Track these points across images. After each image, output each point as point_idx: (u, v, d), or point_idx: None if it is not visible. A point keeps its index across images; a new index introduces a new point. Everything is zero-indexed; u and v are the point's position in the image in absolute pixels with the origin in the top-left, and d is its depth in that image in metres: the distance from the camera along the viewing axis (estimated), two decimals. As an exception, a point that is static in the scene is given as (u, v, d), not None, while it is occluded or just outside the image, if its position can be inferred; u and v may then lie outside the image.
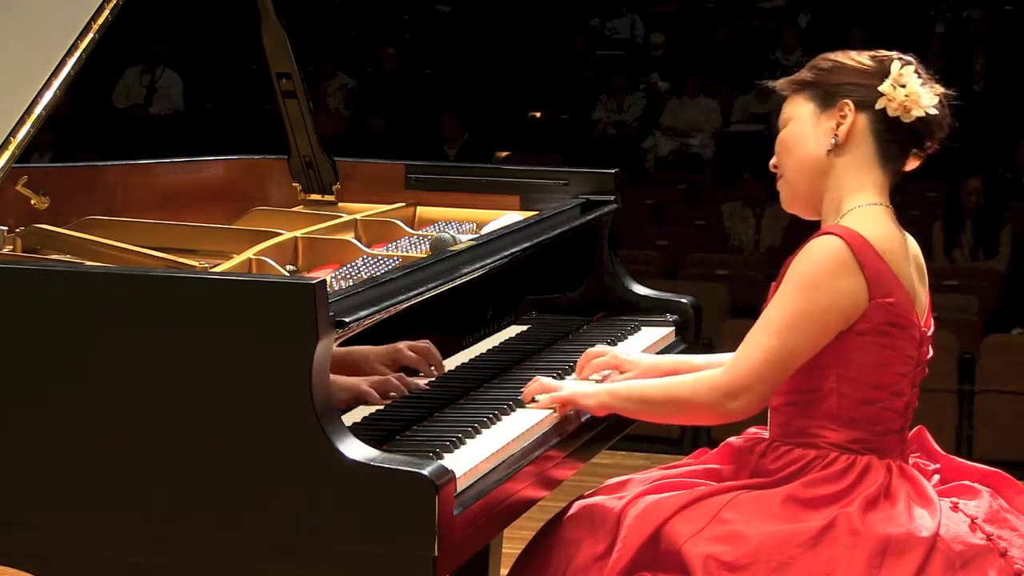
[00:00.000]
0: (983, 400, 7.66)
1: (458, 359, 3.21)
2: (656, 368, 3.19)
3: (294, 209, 4.00)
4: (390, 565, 2.55)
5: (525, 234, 3.46)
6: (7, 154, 3.04)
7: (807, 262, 2.81)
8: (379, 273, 3.19)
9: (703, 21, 13.09)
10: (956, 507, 2.84)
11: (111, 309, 2.65)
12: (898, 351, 2.84)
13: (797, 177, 2.95)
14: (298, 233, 3.47)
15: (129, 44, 11.33)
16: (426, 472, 2.50)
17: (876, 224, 2.85)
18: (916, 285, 2.89)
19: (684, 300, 3.80)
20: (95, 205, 3.66)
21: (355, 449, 2.54)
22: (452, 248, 3.23)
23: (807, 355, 2.82)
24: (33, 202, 3.47)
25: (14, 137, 3.05)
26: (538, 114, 12.50)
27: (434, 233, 3.58)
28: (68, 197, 3.59)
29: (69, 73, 3.13)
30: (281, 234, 3.43)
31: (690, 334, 3.75)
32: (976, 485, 2.92)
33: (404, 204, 3.96)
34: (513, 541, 3.32)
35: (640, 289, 3.84)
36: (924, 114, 2.86)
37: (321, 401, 2.55)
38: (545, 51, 12.71)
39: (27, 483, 2.69)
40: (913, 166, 2.96)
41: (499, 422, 2.92)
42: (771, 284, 2.92)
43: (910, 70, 2.87)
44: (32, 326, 2.68)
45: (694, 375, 2.93)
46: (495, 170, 4.28)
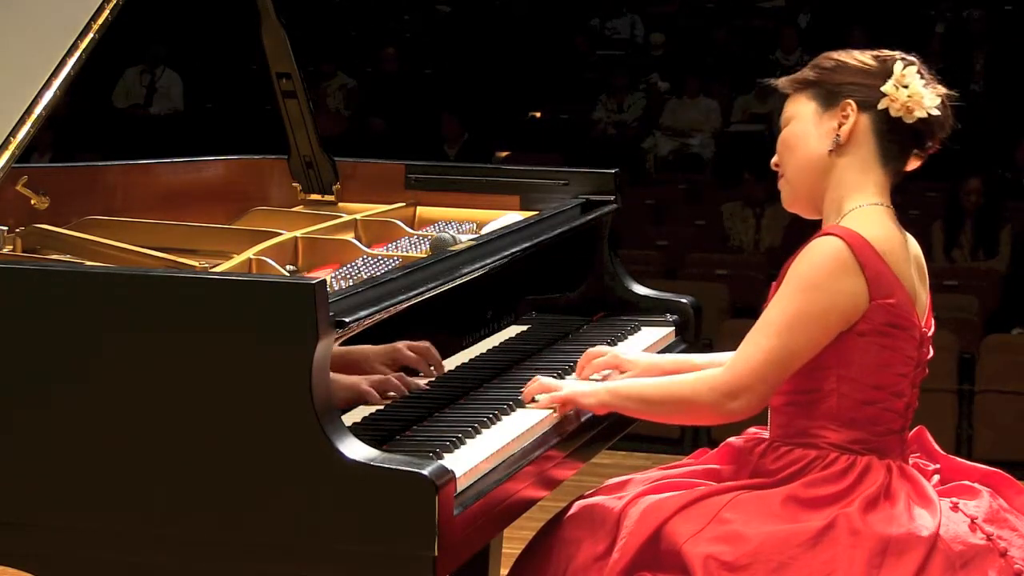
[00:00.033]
0: (983, 400, 7.65)
1: (458, 359, 3.21)
2: (656, 367, 3.19)
3: (294, 209, 4.00)
4: (390, 565, 2.55)
5: (525, 234, 3.46)
6: (7, 154, 3.04)
7: (808, 263, 2.81)
8: (379, 273, 3.19)
9: (703, 21, 13.09)
10: (956, 507, 2.83)
11: (111, 309, 2.65)
12: (898, 352, 2.84)
13: (798, 176, 2.95)
14: (298, 233, 3.47)
15: (129, 44, 11.33)
16: (426, 472, 2.50)
17: (877, 224, 2.85)
18: (917, 285, 2.89)
19: (684, 300, 3.80)
20: (95, 205, 3.66)
21: (355, 449, 2.54)
22: (452, 248, 3.23)
23: (807, 356, 2.81)
24: (33, 202, 3.47)
25: (14, 137, 3.05)
26: (538, 114, 12.50)
27: (434, 233, 3.58)
28: (68, 197, 3.59)
29: (69, 73, 3.13)
30: (281, 234, 3.43)
31: (690, 334, 3.75)
32: (976, 485, 2.92)
33: (404, 204, 3.96)
34: (513, 541, 3.32)
35: (640, 289, 3.84)
36: (926, 115, 2.86)
37: (321, 401, 2.55)
38: (545, 51, 12.71)
39: (27, 483, 2.69)
40: (914, 166, 2.96)
41: (499, 422, 2.92)
42: (771, 284, 2.92)
43: (913, 70, 2.87)
44: (32, 326, 2.68)
45: (694, 374, 2.92)
46: (495, 170, 4.28)
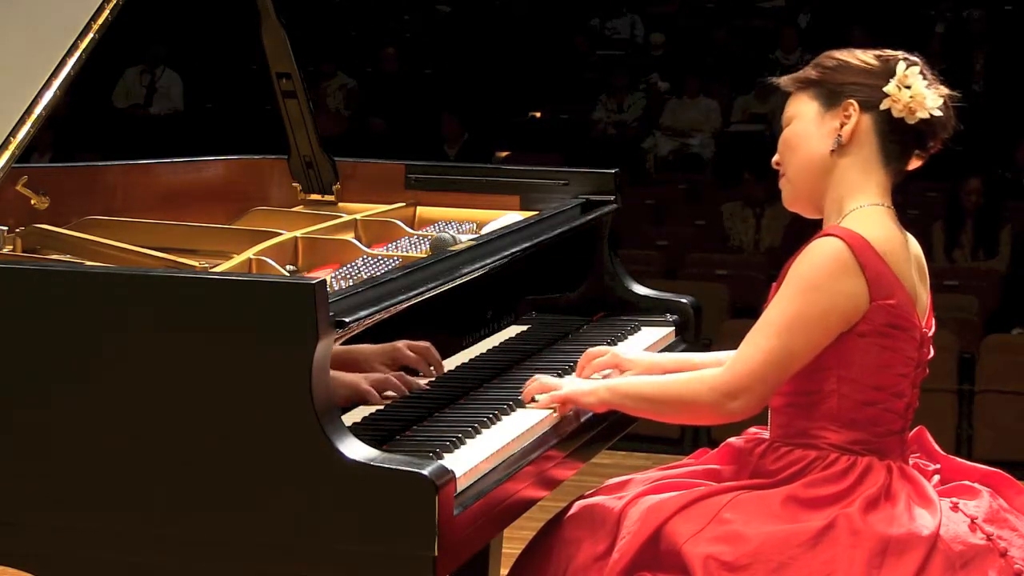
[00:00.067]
0: (983, 400, 7.65)
1: (458, 359, 3.21)
2: (657, 366, 3.18)
3: (294, 209, 4.00)
4: (390, 565, 2.54)
5: (525, 234, 3.46)
6: (7, 154, 3.04)
7: (808, 263, 2.81)
8: (379, 273, 3.18)
9: (703, 21, 13.09)
10: (956, 507, 2.83)
11: (111, 309, 2.65)
12: (899, 352, 2.83)
13: (800, 176, 2.94)
14: (298, 233, 3.47)
15: (129, 44, 11.33)
16: (426, 472, 2.49)
17: (878, 225, 2.84)
18: (917, 286, 2.89)
19: (684, 300, 3.80)
20: (95, 205, 3.66)
21: (355, 449, 2.53)
22: (452, 248, 3.23)
23: (807, 357, 2.81)
24: (33, 202, 3.47)
25: (14, 137, 3.05)
26: (538, 114, 12.50)
27: (434, 233, 3.58)
28: (68, 197, 3.59)
29: (69, 73, 3.13)
30: (281, 234, 3.43)
31: (690, 334, 3.75)
32: (976, 485, 2.92)
33: (404, 204, 3.96)
34: (513, 541, 3.32)
35: (640, 289, 3.84)
36: (928, 116, 2.86)
37: (321, 401, 2.55)
38: (545, 51, 12.71)
39: (27, 483, 2.69)
40: (915, 165, 2.96)
41: (499, 422, 2.92)
42: (772, 284, 2.92)
43: (915, 71, 2.86)
44: (32, 326, 2.68)
45: (694, 374, 2.92)
46: (495, 170, 4.28)
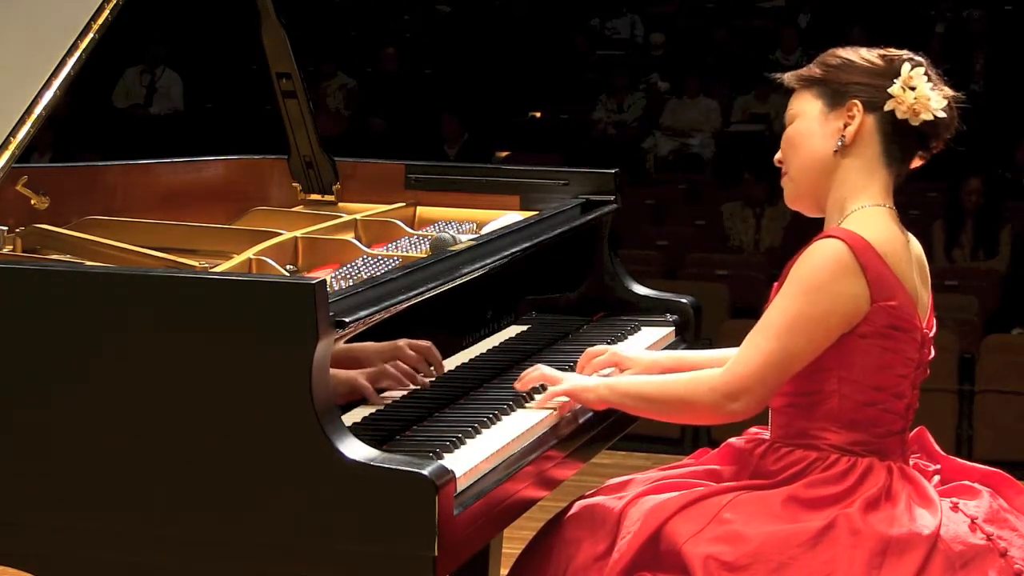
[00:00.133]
0: (983, 400, 7.65)
1: (458, 359, 3.20)
2: (657, 365, 3.18)
3: (294, 209, 4.00)
4: (390, 565, 2.54)
5: (525, 234, 3.46)
6: (7, 154, 3.04)
7: (809, 265, 2.80)
8: (379, 273, 3.18)
9: (703, 21, 13.09)
10: (956, 507, 2.83)
11: (111, 309, 2.65)
12: (900, 353, 2.83)
13: (802, 175, 2.94)
14: (298, 233, 3.47)
15: (129, 44, 11.33)
16: (426, 472, 2.49)
17: (879, 226, 2.84)
18: (918, 287, 2.88)
19: (684, 300, 3.80)
20: (95, 205, 3.66)
21: (355, 449, 2.53)
22: (452, 248, 3.23)
23: (808, 358, 2.81)
24: (33, 202, 3.47)
25: (14, 137, 3.05)
26: (538, 114, 12.50)
27: (434, 233, 3.58)
28: (68, 197, 3.59)
29: (69, 73, 3.13)
30: (281, 234, 3.43)
31: (690, 334, 3.75)
32: (976, 485, 2.91)
33: (404, 204, 3.96)
34: (513, 541, 3.32)
35: (640, 289, 3.84)
36: (932, 117, 2.85)
37: (321, 401, 2.55)
38: (545, 51, 12.71)
39: (27, 483, 2.69)
40: (917, 165, 2.96)
41: (499, 422, 2.92)
42: (773, 285, 2.91)
43: (920, 72, 2.86)
44: (32, 326, 2.68)
45: (694, 374, 2.92)
46: (495, 170, 4.28)
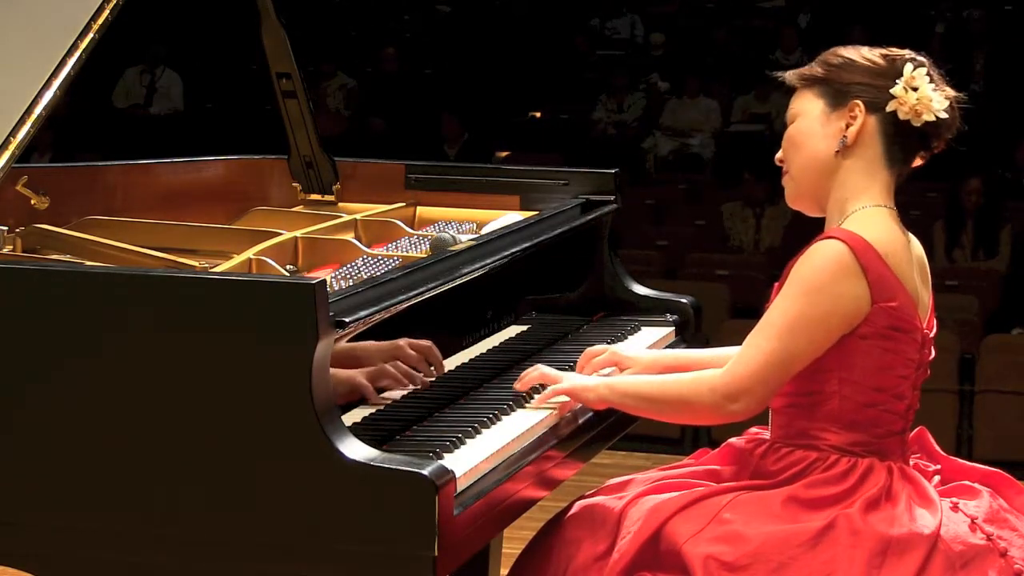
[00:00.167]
0: (983, 400, 7.65)
1: (458, 359, 3.20)
2: (657, 363, 3.18)
3: (294, 209, 4.00)
4: (390, 565, 2.54)
5: (525, 234, 3.46)
6: (7, 154, 3.04)
7: (809, 266, 2.80)
8: (379, 273, 3.18)
9: (703, 21, 13.09)
10: (956, 507, 2.83)
11: (111, 309, 2.65)
12: (900, 354, 2.83)
13: (803, 175, 2.94)
14: (298, 233, 3.47)
15: (129, 44, 11.33)
16: (426, 472, 2.49)
17: (880, 227, 2.84)
18: (919, 287, 2.88)
19: (684, 300, 3.80)
20: (95, 205, 3.66)
21: (355, 449, 2.53)
22: (452, 248, 3.23)
23: (808, 358, 2.81)
24: (33, 202, 3.47)
25: (14, 137, 3.05)
26: (538, 114, 12.50)
27: (434, 233, 3.58)
28: (68, 197, 3.59)
29: (69, 73, 3.13)
30: (281, 234, 3.43)
31: (690, 334, 3.75)
32: (976, 485, 2.91)
33: (404, 204, 3.96)
34: (513, 541, 3.32)
35: (640, 289, 3.84)
36: (934, 118, 2.84)
37: (321, 401, 2.55)
38: (545, 51, 12.71)
39: (27, 483, 2.69)
40: (918, 164, 2.95)
41: (499, 422, 2.92)
42: (773, 285, 2.91)
43: (922, 72, 2.85)
44: (32, 326, 2.68)
45: (694, 374, 2.92)
46: (495, 170, 4.28)
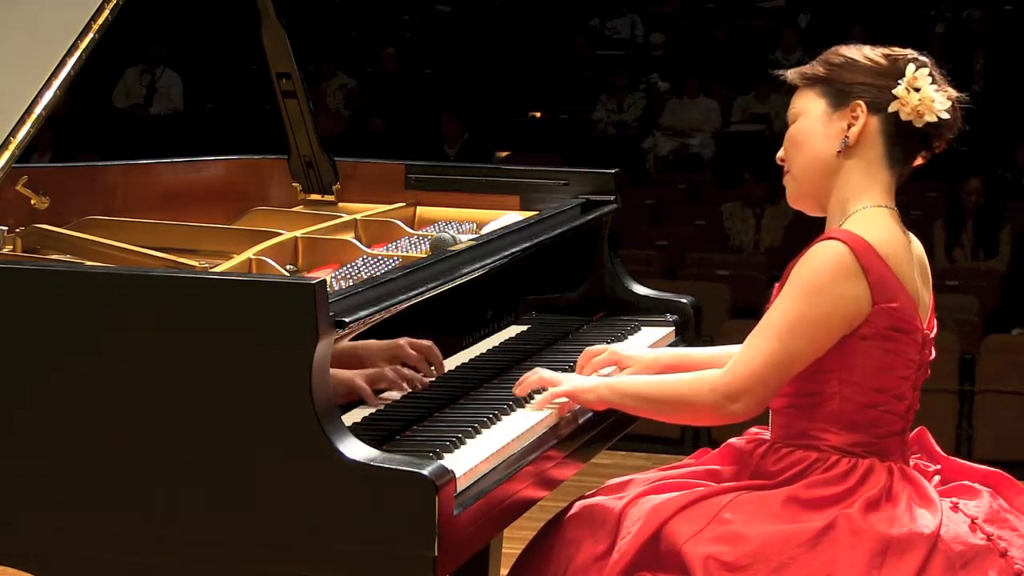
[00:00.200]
0: (983, 400, 7.65)
1: (458, 359, 3.20)
2: (657, 362, 3.18)
3: (294, 209, 4.00)
4: (390, 565, 2.54)
5: (525, 234, 3.46)
6: (7, 154, 3.04)
7: (810, 267, 2.80)
8: (379, 273, 3.18)
9: (703, 21, 13.09)
10: (956, 507, 2.83)
11: (111, 309, 2.65)
12: (901, 355, 2.83)
13: (805, 175, 2.93)
14: (298, 233, 3.47)
15: (129, 44, 11.33)
16: (426, 472, 2.49)
17: (880, 227, 2.84)
18: (919, 288, 2.88)
19: (684, 300, 3.80)
20: (95, 205, 3.66)
21: (355, 449, 2.53)
22: (452, 248, 3.23)
23: (808, 359, 2.81)
24: (33, 202, 3.47)
25: (14, 137, 3.05)
26: (538, 114, 12.50)
27: (434, 233, 3.58)
28: (68, 197, 3.59)
29: (69, 73, 3.13)
30: (281, 234, 3.42)
31: (690, 334, 3.75)
32: (976, 485, 2.91)
33: (404, 204, 3.96)
34: (513, 541, 3.32)
35: (640, 289, 3.83)
36: (936, 119, 2.84)
37: (321, 401, 2.55)
38: (545, 51, 12.71)
39: (27, 483, 2.69)
40: (918, 163, 2.95)
41: (499, 422, 2.92)
42: (774, 285, 2.91)
43: (924, 73, 2.85)
44: (32, 326, 2.68)
45: (694, 374, 2.92)
46: (495, 170, 4.28)
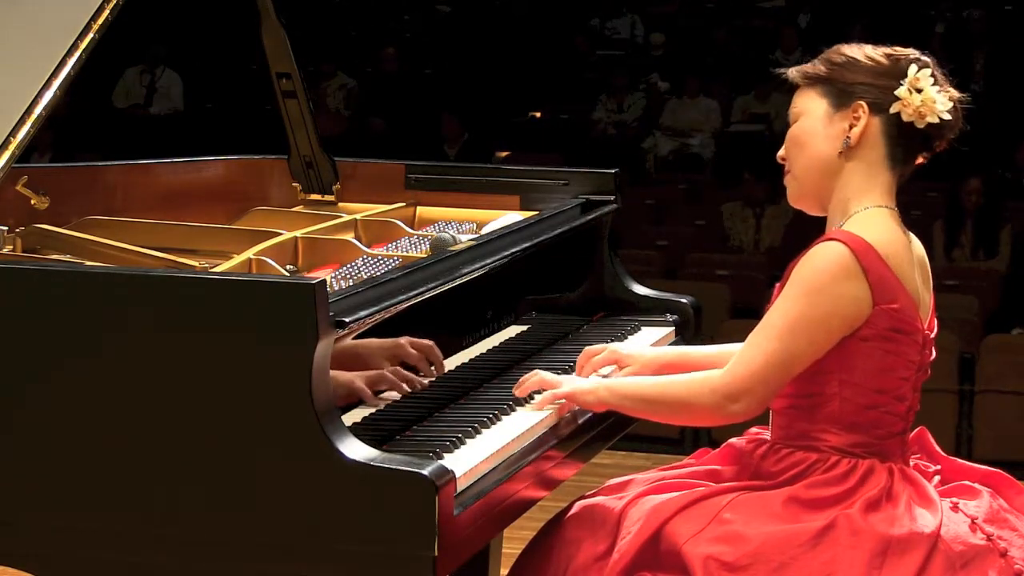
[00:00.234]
0: (983, 400, 7.65)
1: (458, 359, 3.20)
2: (657, 360, 3.17)
3: (294, 209, 4.00)
4: (390, 565, 2.54)
5: (525, 234, 3.46)
6: (7, 154, 3.04)
7: (811, 267, 2.80)
8: (379, 273, 3.18)
9: (703, 21, 13.09)
10: (956, 507, 2.83)
11: (111, 309, 2.65)
12: (901, 356, 2.82)
13: (806, 175, 2.93)
14: (298, 233, 3.47)
15: (129, 44, 11.33)
16: (426, 472, 2.49)
17: (881, 228, 2.83)
18: (920, 288, 2.88)
19: (684, 300, 3.80)
20: (95, 205, 3.66)
21: (355, 449, 2.53)
22: (452, 248, 3.23)
23: (809, 360, 2.80)
24: (33, 202, 3.47)
25: (14, 137, 3.05)
26: (538, 114, 12.50)
27: (434, 233, 3.58)
28: (68, 197, 3.59)
29: (69, 73, 3.13)
30: (281, 234, 3.43)
31: (690, 334, 3.75)
32: (976, 485, 2.91)
33: (404, 204, 3.96)
34: (513, 541, 3.32)
35: (640, 289, 3.83)
36: (938, 120, 2.84)
37: (321, 401, 2.55)
38: (545, 51, 12.71)
39: (27, 483, 2.69)
40: (919, 163, 2.95)
41: (499, 422, 2.92)
42: (775, 285, 2.91)
43: (927, 73, 2.84)
44: (32, 326, 2.68)
45: (694, 375, 2.91)
46: (495, 170, 4.28)
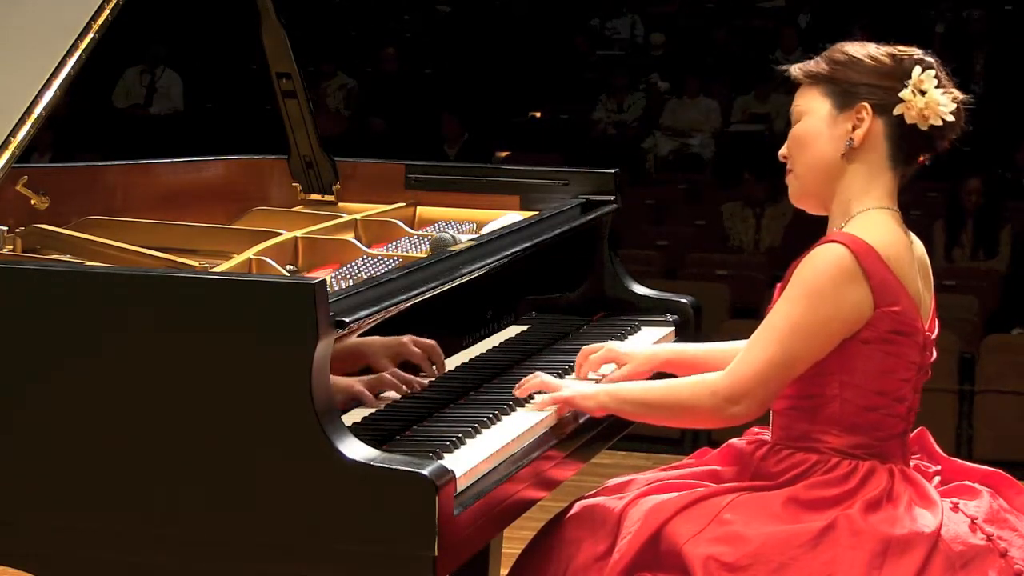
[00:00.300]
0: (983, 400, 7.65)
1: (458, 359, 3.20)
2: (655, 358, 3.18)
3: (294, 209, 4.00)
4: (390, 565, 2.55)
5: (525, 234, 3.46)
6: (7, 154, 3.04)
7: (811, 269, 2.79)
8: (379, 273, 3.18)
9: (703, 21, 13.10)
10: (956, 507, 2.83)
11: (111, 309, 2.65)
12: (902, 358, 2.82)
13: (808, 176, 2.92)
14: (298, 233, 3.47)
15: (129, 44, 11.33)
16: (426, 472, 2.49)
17: (883, 229, 2.83)
18: (921, 290, 2.87)
19: (684, 300, 3.80)
20: (95, 205, 3.66)
21: (355, 449, 2.53)
22: (452, 248, 3.23)
23: (809, 361, 2.80)
24: (33, 202, 3.47)
25: (14, 137, 3.05)
26: (538, 114, 12.50)
27: (434, 233, 3.58)
28: (68, 197, 3.59)
29: (69, 73, 3.13)
30: (281, 234, 3.43)
31: (690, 334, 3.75)
32: (976, 485, 2.91)
33: (404, 204, 3.96)
34: (513, 541, 3.32)
35: (640, 289, 3.83)
36: (941, 122, 2.84)
37: (321, 401, 2.55)
38: (545, 51, 12.71)
39: (27, 483, 2.69)
40: (921, 162, 2.94)
41: (499, 422, 2.92)
42: (776, 285, 2.91)
43: (931, 75, 2.84)
44: (32, 326, 2.68)
45: (694, 378, 2.91)
46: (495, 170, 4.28)
